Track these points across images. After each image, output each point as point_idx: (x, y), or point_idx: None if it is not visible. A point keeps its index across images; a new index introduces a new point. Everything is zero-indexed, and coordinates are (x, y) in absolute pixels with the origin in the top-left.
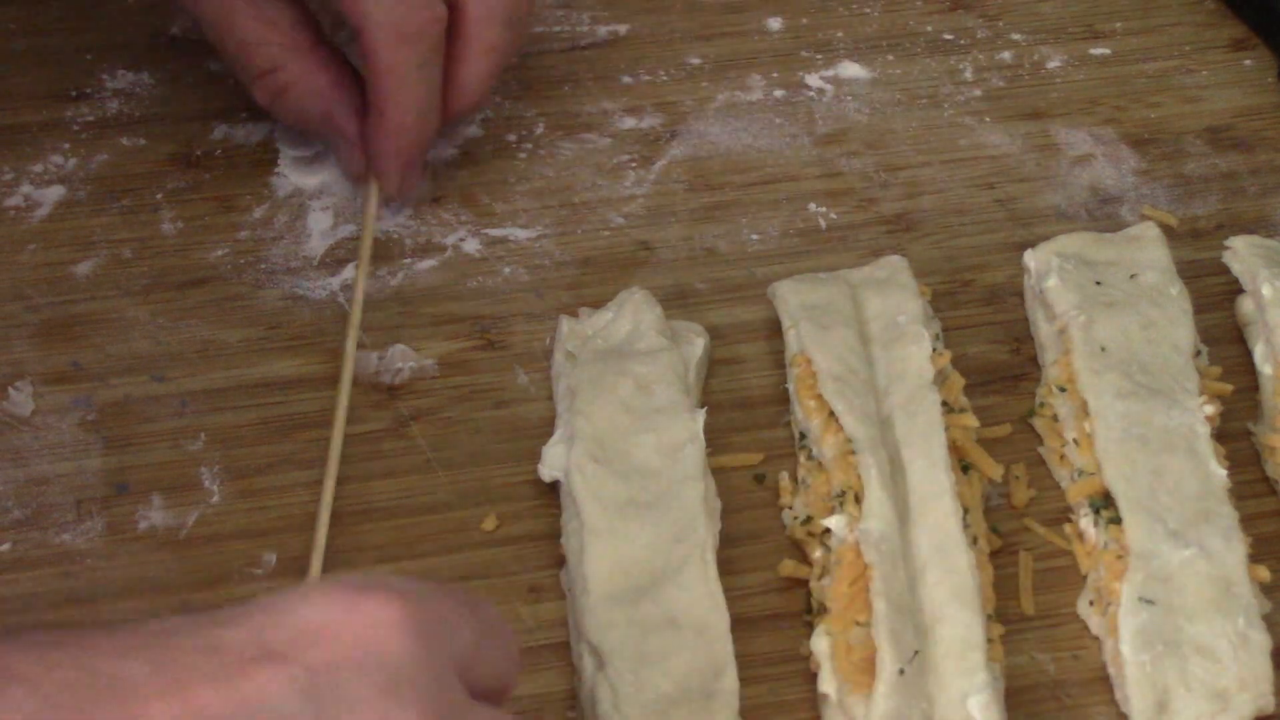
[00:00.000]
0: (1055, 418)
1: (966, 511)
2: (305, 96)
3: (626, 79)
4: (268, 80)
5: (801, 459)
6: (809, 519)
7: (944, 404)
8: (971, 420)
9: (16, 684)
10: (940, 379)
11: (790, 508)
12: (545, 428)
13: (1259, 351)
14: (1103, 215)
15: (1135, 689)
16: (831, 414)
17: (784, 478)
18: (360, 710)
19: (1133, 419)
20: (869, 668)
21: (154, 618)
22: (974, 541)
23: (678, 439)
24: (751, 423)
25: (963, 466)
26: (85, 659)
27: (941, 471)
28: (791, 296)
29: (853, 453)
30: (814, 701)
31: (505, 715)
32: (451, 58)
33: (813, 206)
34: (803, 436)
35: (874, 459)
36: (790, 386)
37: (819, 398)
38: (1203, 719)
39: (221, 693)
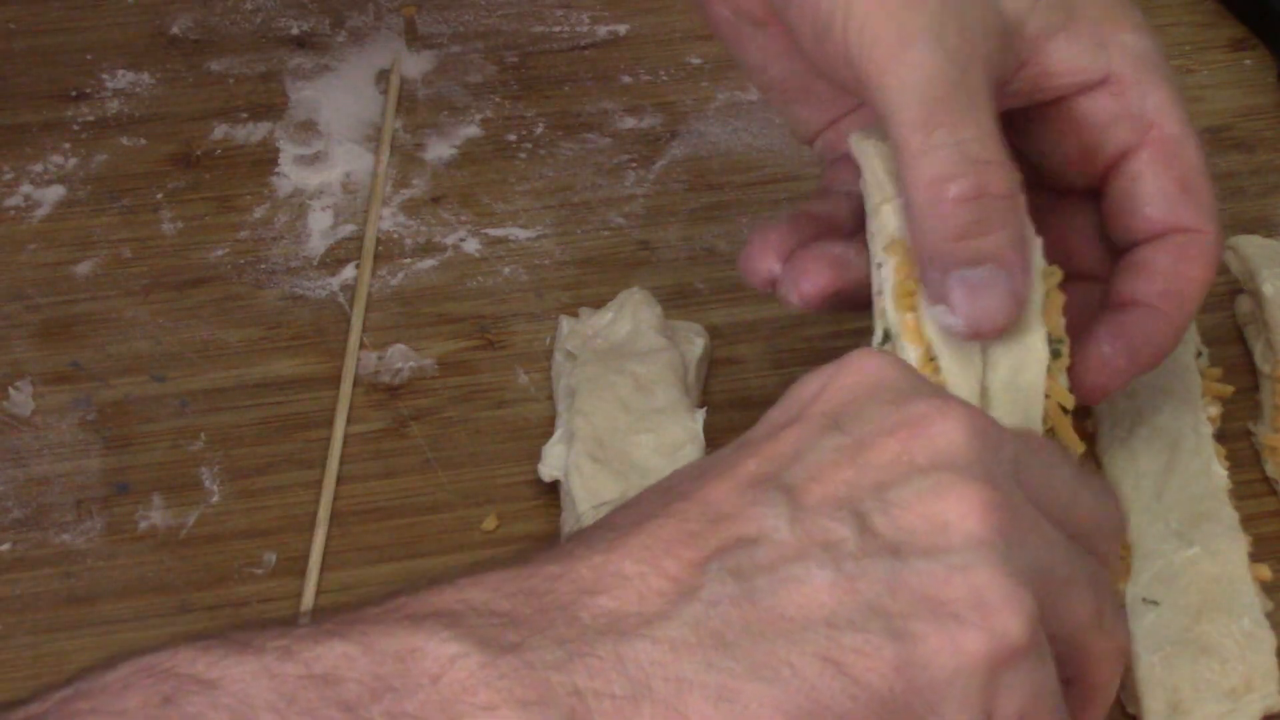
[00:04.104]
0: None
1: None
2: None
3: (626, 79)
4: None
5: None
6: None
7: None
8: None
9: None
10: None
11: None
12: (545, 428)
13: (1259, 351)
14: None
15: (1147, 690)
16: None
17: None
18: (878, 421)
19: (1136, 419)
20: None
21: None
22: None
23: (677, 439)
24: (751, 423)
25: None
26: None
27: None
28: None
29: None
30: None
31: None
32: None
33: None
34: None
35: None
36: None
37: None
38: (1212, 719)
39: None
